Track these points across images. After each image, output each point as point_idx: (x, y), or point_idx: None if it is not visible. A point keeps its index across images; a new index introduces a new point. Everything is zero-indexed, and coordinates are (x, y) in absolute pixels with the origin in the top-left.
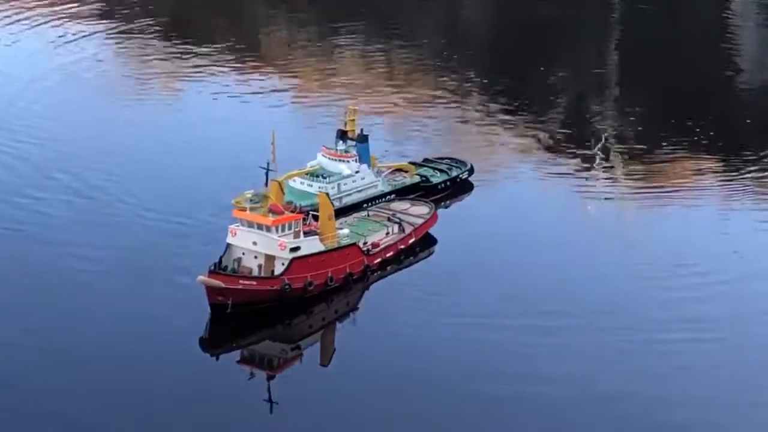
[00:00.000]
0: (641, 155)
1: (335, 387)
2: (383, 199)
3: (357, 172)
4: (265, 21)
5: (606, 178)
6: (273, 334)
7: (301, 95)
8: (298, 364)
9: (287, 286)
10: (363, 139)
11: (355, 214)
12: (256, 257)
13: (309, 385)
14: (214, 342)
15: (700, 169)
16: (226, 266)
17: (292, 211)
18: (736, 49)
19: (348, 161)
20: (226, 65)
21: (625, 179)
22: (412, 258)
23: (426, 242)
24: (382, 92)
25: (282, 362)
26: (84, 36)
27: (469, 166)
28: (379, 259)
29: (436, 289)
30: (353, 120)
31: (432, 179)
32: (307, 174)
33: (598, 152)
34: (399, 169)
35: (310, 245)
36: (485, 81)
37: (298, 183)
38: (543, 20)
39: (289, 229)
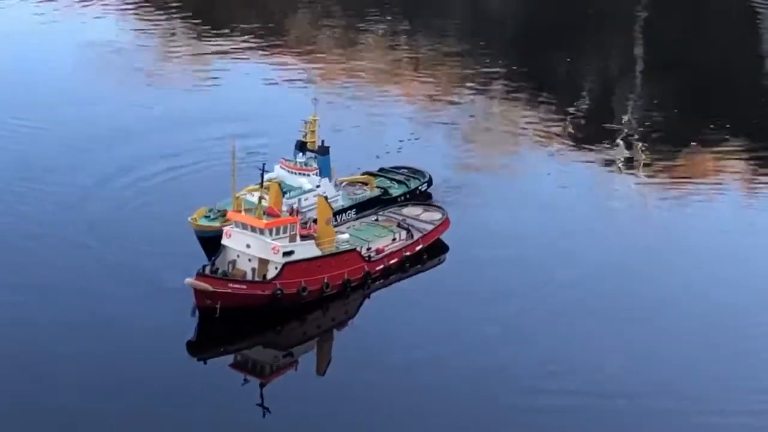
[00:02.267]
0: (668, 150)
1: (331, 397)
2: (344, 215)
3: (318, 186)
4: (291, 6)
5: (631, 175)
6: (264, 340)
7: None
8: (292, 371)
9: (279, 292)
10: (324, 151)
11: (363, 219)
12: (250, 260)
13: (303, 394)
14: (202, 346)
15: (730, 165)
16: (218, 268)
17: (291, 214)
18: (764, 37)
19: (309, 175)
20: (244, 56)
21: (650, 176)
22: (418, 266)
23: (435, 249)
24: (402, 82)
25: (275, 369)
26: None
27: (427, 177)
28: (381, 266)
29: (440, 300)
30: (313, 131)
31: (391, 191)
32: (266, 188)
33: (624, 147)
34: (359, 182)
35: (305, 250)
36: (508, 71)
37: (256, 198)
38: (571, 8)
39: (284, 232)
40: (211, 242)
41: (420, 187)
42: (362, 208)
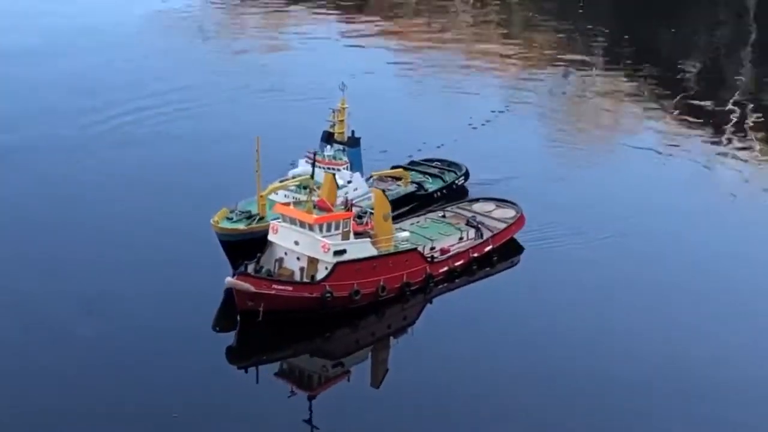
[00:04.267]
0: None
1: (386, 411)
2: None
3: (349, 182)
4: None
5: (742, 157)
6: (312, 348)
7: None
8: (344, 383)
9: (329, 294)
10: (354, 142)
11: (429, 215)
12: (298, 259)
13: (356, 408)
14: (243, 353)
15: None
16: (262, 267)
17: (347, 208)
18: None
19: (339, 169)
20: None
21: (764, 159)
22: (488, 268)
23: (508, 251)
24: (493, 50)
25: (323, 380)
26: None
27: (464, 170)
28: (445, 268)
29: (510, 307)
30: (342, 120)
31: (426, 186)
32: (296, 186)
33: (733, 127)
34: (391, 177)
35: (359, 248)
36: (607, 40)
37: (282, 197)
38: None
39: (336, 228)
40: (235, 246)
41: (456, 181)
42: (396, 205)
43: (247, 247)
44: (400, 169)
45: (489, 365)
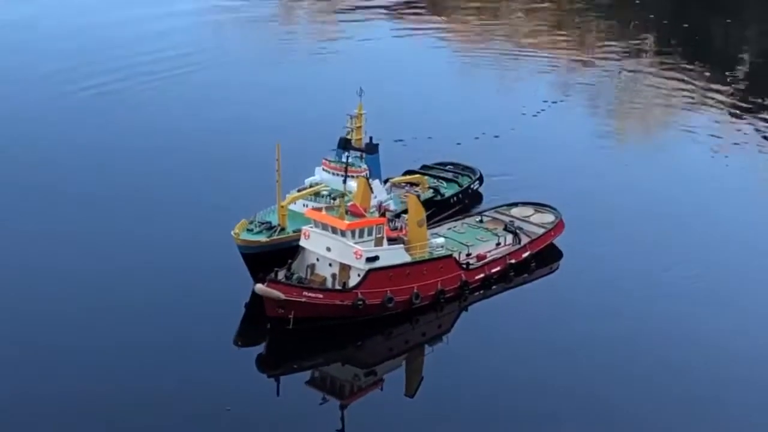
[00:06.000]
0: None
1: (420, 421)
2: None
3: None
4: None
5: None
6: (344, 356)
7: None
8: (377, 392)
9: (360, 302)
10: (372, 149)
11: (465, 220)
12: (330, 265)
13: (389, 417)
14: (273, 362)
15: None
16: (293, 273)
17: (382, 214)
18: None
19: (357, 177)
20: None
21: None
22: (525, 275)
23: (547, 257)
24: (544, 41)
25: (356, 389)
26: None
27: (478, 174)
28: (481, 275)
29: (547, 316)
30: (360, 127)
31: (441, 190)
32: (315, 194)
33: None
34: (407, 182)
35: (393, 255)
36: (659, 31)
37: (300, 206)
38: None
39: (369, 234)
40: (256, 259)
41: (472, 186)
42: None
43: (268, 259)
44: (418, 175)
45: (526, 375)
